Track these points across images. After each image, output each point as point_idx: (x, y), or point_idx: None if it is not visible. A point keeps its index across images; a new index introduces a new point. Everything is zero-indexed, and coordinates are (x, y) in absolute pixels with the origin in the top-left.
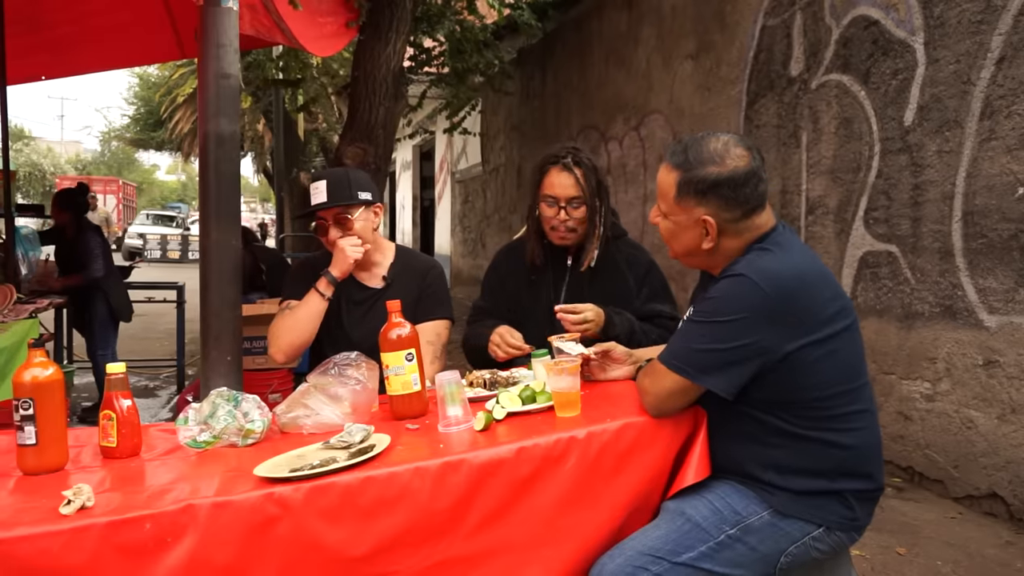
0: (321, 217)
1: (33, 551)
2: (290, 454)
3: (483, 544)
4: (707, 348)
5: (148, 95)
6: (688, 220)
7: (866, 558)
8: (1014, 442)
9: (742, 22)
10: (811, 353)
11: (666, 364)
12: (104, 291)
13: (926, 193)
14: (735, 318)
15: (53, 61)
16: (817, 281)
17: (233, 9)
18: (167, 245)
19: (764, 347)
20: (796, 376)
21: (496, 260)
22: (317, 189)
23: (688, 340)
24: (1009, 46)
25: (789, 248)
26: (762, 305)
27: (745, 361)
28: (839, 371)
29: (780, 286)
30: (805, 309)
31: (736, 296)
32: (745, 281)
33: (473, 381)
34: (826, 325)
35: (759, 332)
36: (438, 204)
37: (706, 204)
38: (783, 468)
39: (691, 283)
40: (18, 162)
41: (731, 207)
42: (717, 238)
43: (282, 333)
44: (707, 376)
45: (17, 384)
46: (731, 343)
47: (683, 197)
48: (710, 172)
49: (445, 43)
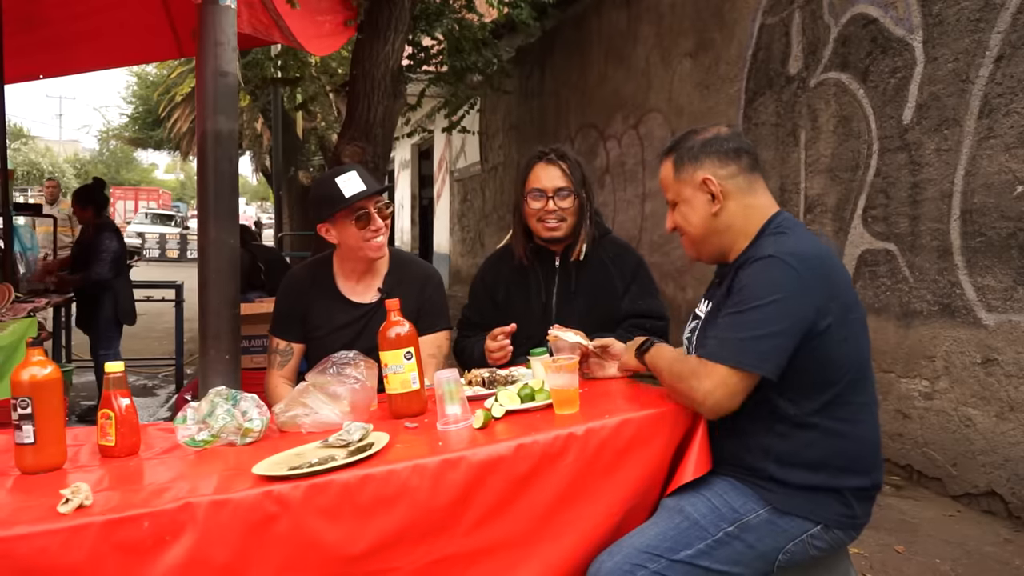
0: (361, 207)
1: (32, 550)
2: (289, 452)
3: (482, 541)
4: (758, 335)
5: (146, 94)
6: (692, 190)
7: (865, 556)
8: (1012, 440)
9: (741, 20)
10: (835, 334)
11: (721, 361)
12: (114, 292)
13: (924, 191)
14: (774, 299)
15: (51, 60)
16: (837, 264)
17: (231, 7)
18: (166, 244)
19: (805, 324)
20: (818, 357)
21: (483, 270)
22: (350, 179)
23: (735, 331)
24: (1008, 44)
25: (803, 233)
26: (796, 283)
27: (790, 340)
28: (853, 359)
29: (809, 264)
30: (833, 286)
31: (770, 278)
32: (775, 261)
33: (472, 380)
34: (848, 310)
35: (800, 309)
36: (437, 203)
37: (702, 166)
38: (784, 459)
39: (690, 282)
40: (16, 161)
41: (725, 162)
42: (723, 201)
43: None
44: (765, 363)
45: (15, 383)
46: (777, 325)
47: (680, 170)
48: (696, 139)
49: (444, 41)
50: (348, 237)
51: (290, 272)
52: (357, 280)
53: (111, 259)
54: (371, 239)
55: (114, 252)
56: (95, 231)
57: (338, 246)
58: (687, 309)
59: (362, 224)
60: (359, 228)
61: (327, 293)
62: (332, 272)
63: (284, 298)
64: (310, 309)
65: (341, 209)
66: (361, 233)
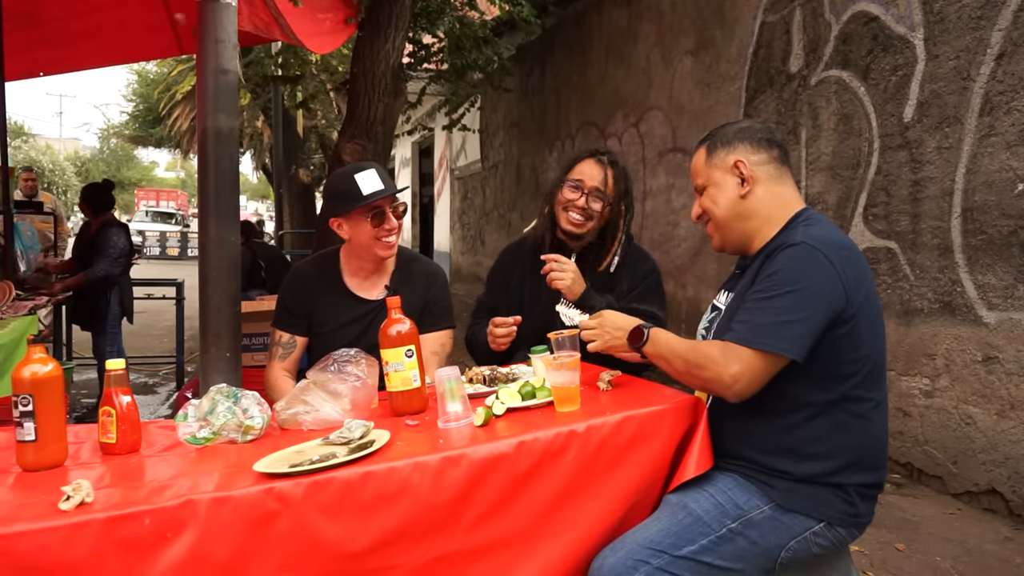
0: (378, 206)
1: (33, 547)
2: (290, 450)
3: (483, 538)
4: (789, 320)
5: (147, 92)
6: (722, 173)
7: (865, 554)
8: (1013, 438)
9: (742, 18)
10: (861, 322)
11: (750, 344)
12: (120, 288)
13: (925, 189)
14: (805, 285)
15: (51, 57)
16: (863, 257)
17: (231, 5)
18: (166, 242)
19: (833, 312)
20: (839, 346)
21: (500, 258)
22: (369, 177)
23: (766, 316)
24: (1009, 42)
25: (830, 225)
26: (828, 268)
27: (818, 327)
28: (870, 352)
29: (839, 254)
30: (860, 277)
31: (802, 264)
32: (806, 248)
33: (473, 377)
34: (870, 302)
35: (829, 296)
36: (437, 201)
37: (735, 150)
38: (793, 450)
39: (690, 280)
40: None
41: (757, 149)
42: (752, 185)
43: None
44: (796, 347)
45: (16, 380)
46: (807, 311)
47: (713, 154)
48: (731, 126)
49: (444, 39)
50: (361, 234)
51: (295, 267)
52: (365, 277)
53: (119, 255)
54: (384, 238)
55: (122, 248)
56: (101, 227)
57: (348, 242)
58: (687, 307)
59: (377, 222)
60: (374, 226)
61: (334, 289)
62: (339, 268)
63: (289, 292)
64: (317, 304)
65: (358, 206)
66: (375, 231)
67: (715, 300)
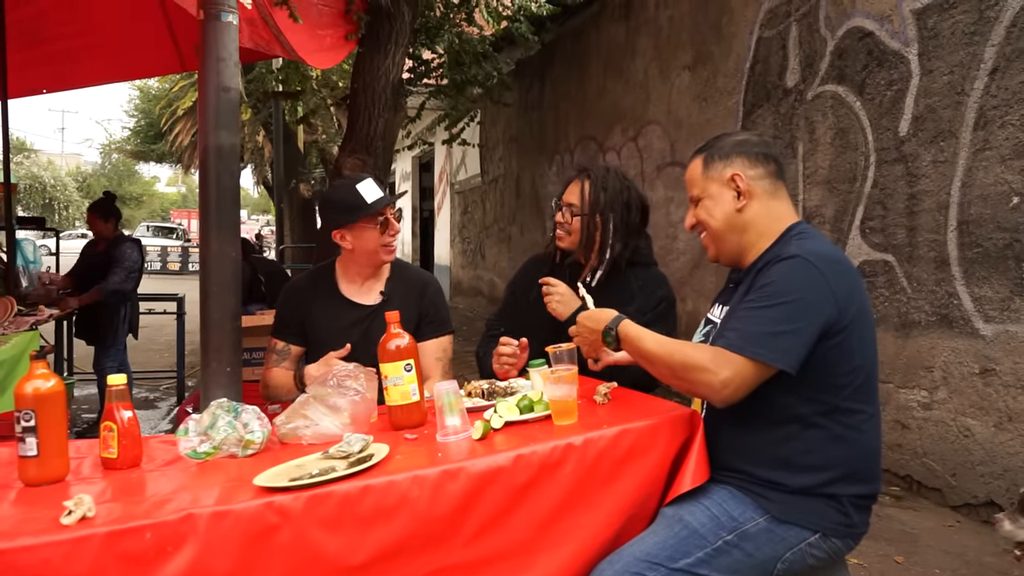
0: (382, 213)
1: (35, 561)
2: (289, 464)
3: (481, 551)
4: (781, 330)
5: (148, 108)
6: (719, 187)
7: (864, 566)
8: (1011, 450)
9: (738, 33)
10: (852, 334)
11: (742, 352)
12: (131, 303)
13: (921, 203)
14: (798, 297)
15: (54, 74)
16: (855, 270)
17: (233, 23)
18: (167, 257)
19: (825, 324)
20: (831, 358)
21: (519, 271)
22: (369, 186)
23: (759, 325)
24: (1002, 57)
25: (824, 239)
26: (821, 281)
27: (810, 338)
28: (862, 364)
29: (832, 267)
30: (853, 290)
31: (795, 276)
32: (801, 261)
33: (471, 391)
34: (863, 315)
35: (822, 309)
36: (437, 215)
37: (732, 163)
38: (787, 461)
39: (689, 293)
40: (19, 175)
41: (754, 163)
42: (748, 199)
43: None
44: (787, 357)
45: (19, 396)
46: (799, 322)
47: (710, 166)
48: (729, 139)
49: (444, 55)
50: (367, 242)
51: (290, 280)
52: (361, 283)
53: (133, 270)
54: (389, 243)
55: (135, 263)
56: (115, 241)
57: (349, 251)
58: (686, 320)
59: (383, 228)
60: (380, 233)
61: (329, 296)
62: (334, 276)
63: (284, 304)
64: (311, 312)
65: (365, 215)
66: (381, 238)
67: (709, 314)
